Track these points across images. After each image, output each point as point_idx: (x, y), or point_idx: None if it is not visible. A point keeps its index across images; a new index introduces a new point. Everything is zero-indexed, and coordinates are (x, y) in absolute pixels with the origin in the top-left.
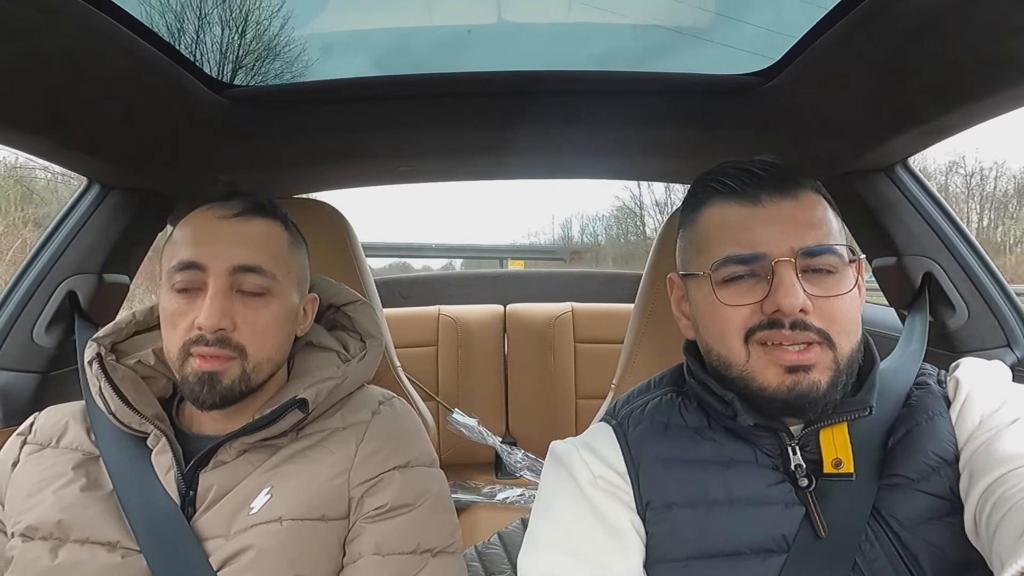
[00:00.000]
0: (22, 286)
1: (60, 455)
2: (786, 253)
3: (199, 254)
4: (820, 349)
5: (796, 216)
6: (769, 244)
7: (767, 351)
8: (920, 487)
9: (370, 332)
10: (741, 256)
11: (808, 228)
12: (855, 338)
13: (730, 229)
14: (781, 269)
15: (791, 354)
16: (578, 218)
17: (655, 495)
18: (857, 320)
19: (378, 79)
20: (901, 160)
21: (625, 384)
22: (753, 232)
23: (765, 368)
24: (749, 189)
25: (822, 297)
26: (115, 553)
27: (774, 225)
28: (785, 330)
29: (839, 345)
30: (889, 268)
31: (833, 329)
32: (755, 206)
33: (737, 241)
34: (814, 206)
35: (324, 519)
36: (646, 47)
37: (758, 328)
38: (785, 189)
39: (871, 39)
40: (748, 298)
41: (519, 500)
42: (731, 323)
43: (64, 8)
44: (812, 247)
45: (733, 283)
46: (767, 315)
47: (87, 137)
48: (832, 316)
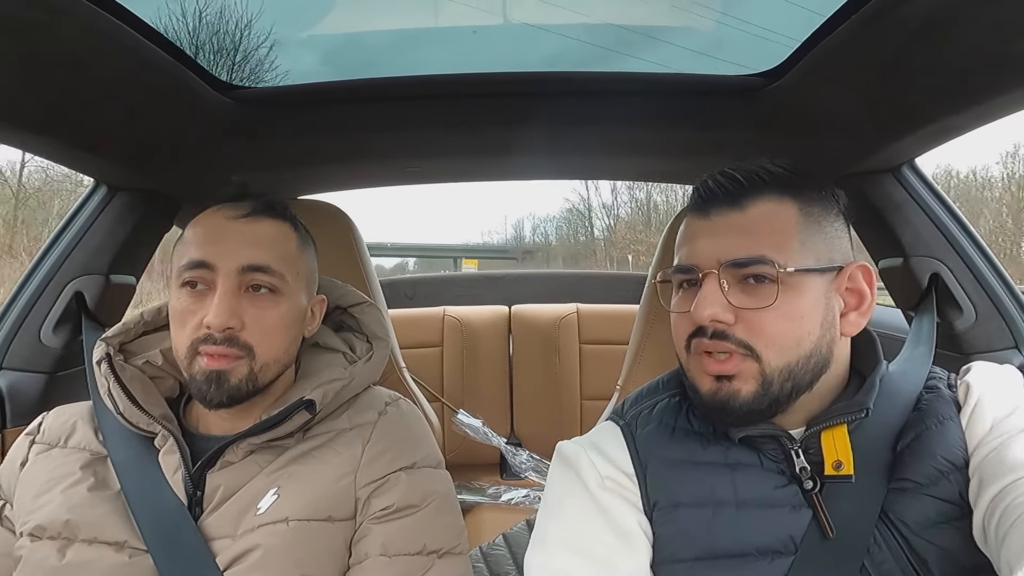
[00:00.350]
0: (29, 287)
1: (68, 455)
2: (712, 265)
3: (209, 253)
4: (741, 359)
5: (738, 227)
6: (701, 256)
7: (699, 359)
8: (929, 491)
9: (376, 333)
10: (679, 267)
11: (745, 239)
12: (793, 352)
13: (682, 241)
14: (705, 281)
15: (713, 363)
16: (530, 218)
17: (662, 495)
18: (794, 334)
19: (383, 80)
20: (908, 161)
21: (630, 385)
22: (693, 244)
23: (698, 375)
24: (703, 203)
25: (747, 309)
26: (123, 553)
27: (712, 237)
28: (706, 338)
29: (765, 357)
30: (896, 269)
31: (758, 342)
32: (704, 219)
33: (683, 253)
34: (764, 215)
35: (330, 520)
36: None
37: (692, 335)
38: (733, 202)
39: (877, 40)
40: (687, 306)
41: (524, 501)
42: (678, 331)
43: (68, 8)
44: (738, 258)
45: (683, 291)
46: (695, 324)
47: (92, 138)
48: (759, 329)
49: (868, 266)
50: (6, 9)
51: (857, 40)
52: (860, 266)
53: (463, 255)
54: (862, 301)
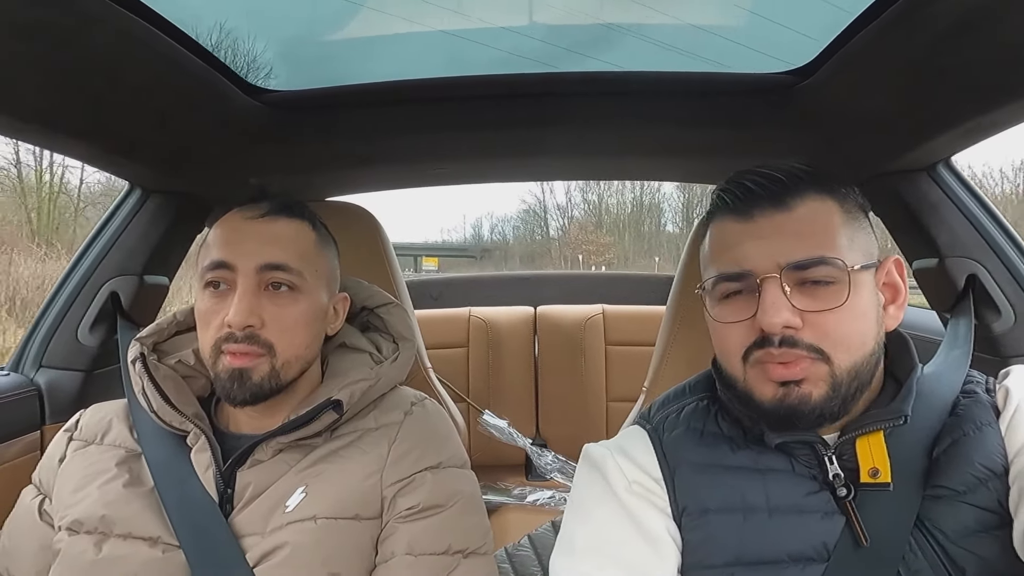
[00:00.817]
0: (67, 287)
1: (104, 451)
2: (771, 269)
3: (228, 254)
4: (811, 363)
5: (787, 229)
6: (756, 260)
7: (761, 368)
8: (967, 499)
9: (403, 334)
10: (729, 274)
11: (799, 240)
12: (858, 351)
13: (724, 246)
14: (766, 286)
15: (779, 369)
16: (488, 218)
17: (691, 501)
18: (860, 331)
19: (409, 82)
20: (943, 159)
21: (657, 387)
22: (741, 248)
23: (760, 384)
24: (743, 204)
25: (814, 312)
26: (156, 548)
27: (762, 240)
28: (774, 348)
29: (835, 359)
30: (931, 270)
31: (827, 344)
32: (747, 222)
33: (727, 259)
34: (813, 215)
35: (357, 518)
36: (679, 46)
37: (753, 347)
38: (779, 201)
39: (909, 36)
40: (742, 315)
41: (549, 502)
42: (729, 342)
43: (103, 15)
44: (799, 260)
45: (729, 301)
46: (758, 333)
47: (127, 142)
48: (826, 331)
49: (900, 259)
50: (43, 16)
51: (889, 37)
52: (894, 260)
53: (423, 253)
54: (897, 294)
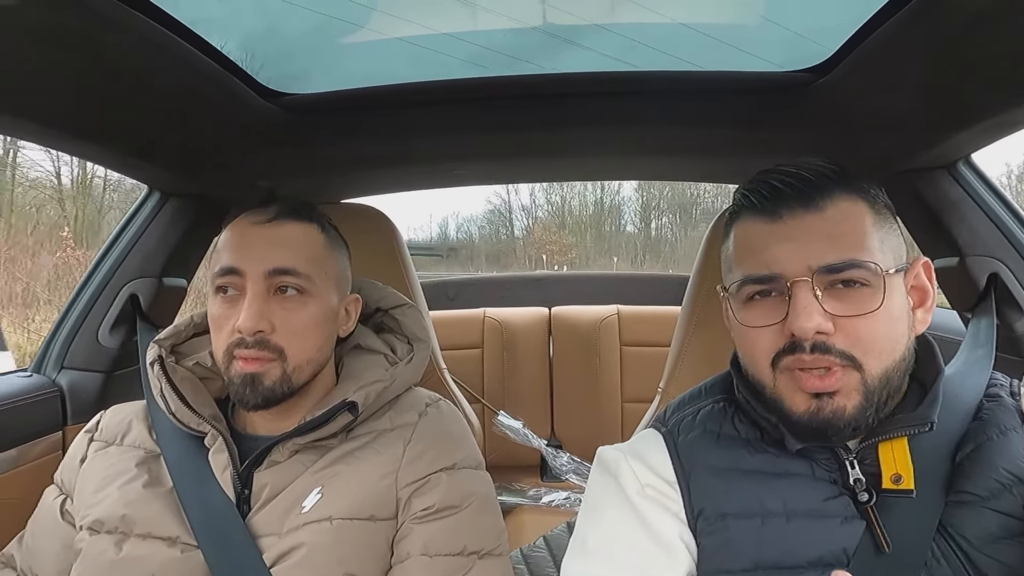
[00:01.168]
0: (88, 289)
1: (124, 452)
2: (802, 272)
3: (237, 259)
4: (843, 372)
5: (818, 230)
6: (785, 263)
7: (792, 376)
8: (990, 505)
9: (417, 335)
10: (757, 276)
11: (831, 242)
12: (889, 357)
13: (751, 247)
14: (797, 290)
15: (812, 380)
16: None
17: (707, 504)
18: (893, 336)
19: (424, 84)
20: (964, 157)
21: (672, 388)
22: (770, 250)
23: (791, 393)
24: (770, 204)
25: (846, 317)
26: (175, 548)
27: (792, 242)
28: (805, 354)
29: (866, 366)
30: (951, 269)
31: (858, 350)
32: (775, 222)
33: (755, 261)
34: (844, 217)
35: (373, 519)
36: (694, 45)
37: (783, 353)
38: (808, 202)
39: (930, 31)
40: (770, 319)
41: (565, 503)
42: (757, 347)
43: (122, 20)
44: (832, 263)
45: (756, 304)
46: (788, 338)
47: (145, 145)
48: (858, 336)
49: (928, 261)
50: (63, 21)
51: (909, 32)
52: (924, 262)
53: None
54: (926, 297)
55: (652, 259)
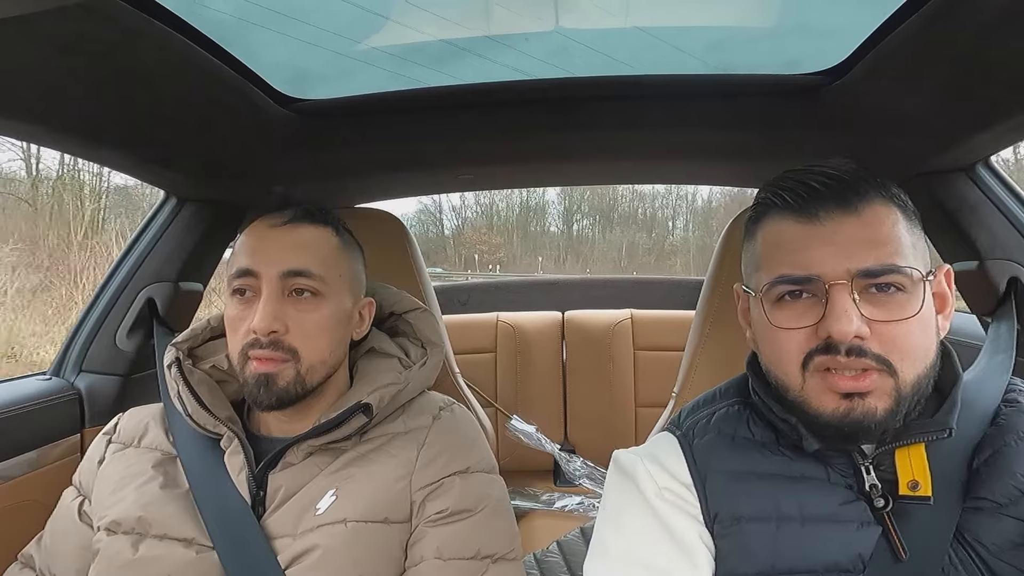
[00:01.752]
0: (106, 294)
1: (141, 454)
2: (841, 275)
3: (253, 261)
4: (878, 376)
5: (856, 234)
6: (824, 265)
7: (823, 377)
8: (1008, 511)
9: (431, 339)
10: (794, 277)
11: (870, 247)
12: (922, 363)
13: (785, 248)
14: (835, 293)
15: (846, 380)
16: None
17: (723, 508)
18: (925, 344)
19: (437, 89)
20: (983, 159)
21: (686, 392)
22: (808, 252)
23: (820, 394)
24: (807, 204)
25: (883, 322)
26: (191, 549)
27: (831, 244)
28: (840, 356)
29: (901, 372)
30: (970, 273)
31: (894, 355)
32: (812, 223)
33: (791, 261)
34: (880, 221)
35: (387, 522)
36: (707, 49)
37: (815, 353)
38: (847, 204)
39: (947, 33)
40: (803, 320)
41: (578, 509)
42: (787, 348)
43: (143, 30)
44: (872, 268)
45: (787, 304)
46: (822, 340)
47: (165, 152)
48: (893, 341)
49: (949, 268)
50: (85, 31)
51: (926, 34)
52: (945, 269)
53: None
54: (945, 304)
55: (573, 259)
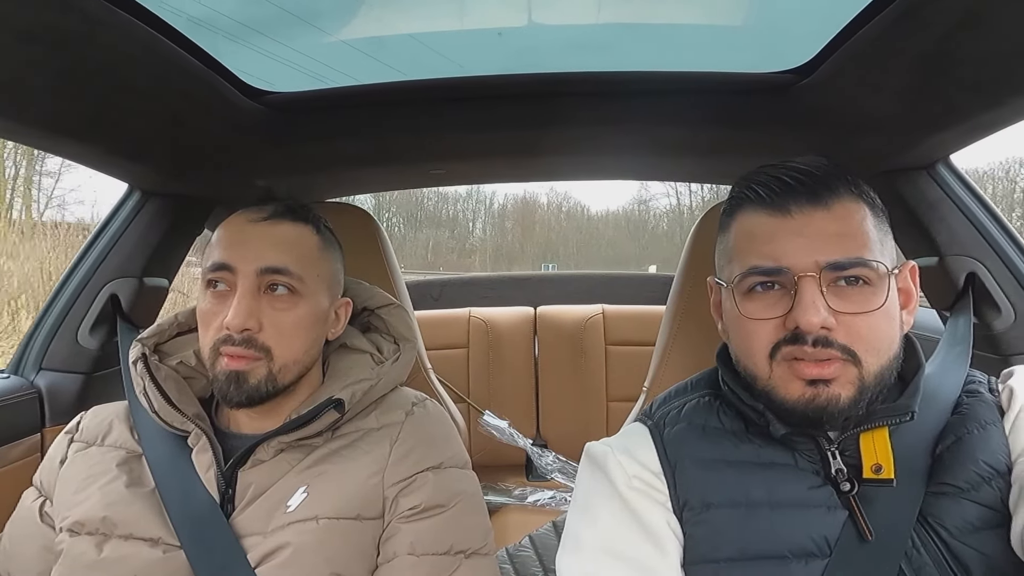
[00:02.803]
0: (67, 290)
1: (105, 453)
2: (810, 267)
3: (229, 256)
4: (842, 364)
5: (826, 228)
6: (793, 257)
7: (790, 365)
8: (970, 496)
9: (404, 335)
10: (763, 268)
11: (838, 240)
12: (885, 355)
13: (756, 240)
14: (803, 284)
15: (810, 367)
16: None
17: (693, 495)
18: (889, 336)
19: (409, 83)
20: (943, 158)
21: (657, 387)
22: (778, 244)
23: (787, 382)
24: (778, 198)
25: (849, 313)
26: (157, 548)
27: (801, 237)
28: (807, 346)
29: (865, 362)
30: (930, 269)
31: (859, 346)
32: (783, 217)
33: (761, 253)
34: (849, 215)
35: (359, 518)
36: (678, 46)
37: (782, 343)
38: (817, 198)
39: (912, 33)
40: (773, 312)
41: (550, 503)
42: (756, 338)
43: (106, 19)
44: (839, 260)
45: (758, 296)
46: (789, 330)
47: (129, 144)
48: (859, 333)
49: (915, 265)
50: (46, 20)
51: (891, 34)
52: (911, 266)
53: None
54: (910, 299)
55: None
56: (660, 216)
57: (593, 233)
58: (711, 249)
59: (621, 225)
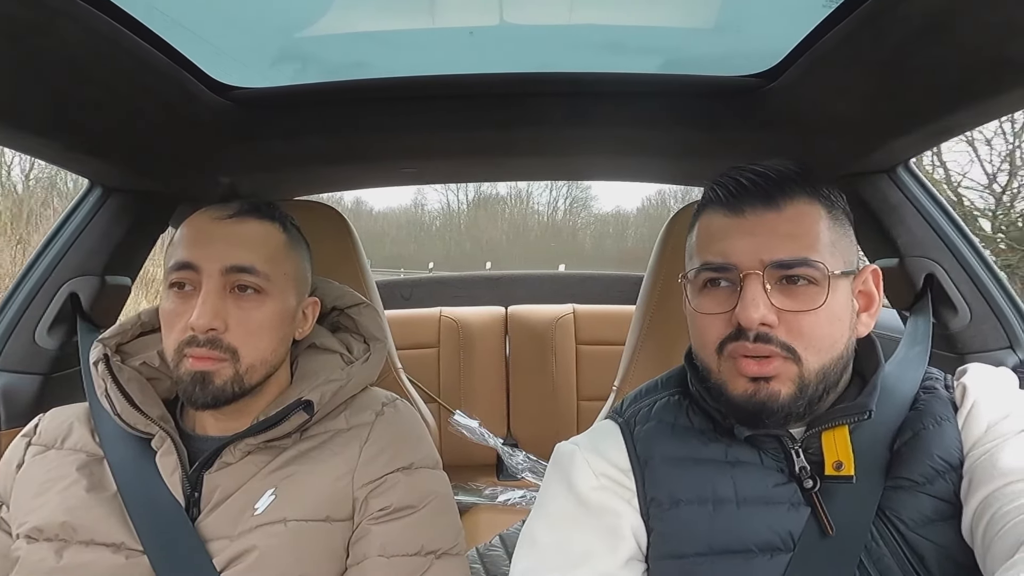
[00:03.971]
0: (24, 288)
1: (65, 456)
2: (755, 265)
3: (194, 255)
4: (782, 362)
5: (776, 228)
6: (741, 255)
7: (734, 362)
8: (925, 489)
9: (374, 335)
10: (714, 264)
11: (785, 240)
12: (827, 354)
13: (712, 238)
14: (748, 282)
15: (751, 365)
16: None
17: (661, 492)
18: (832, 335)
19: (380, 81)
20: (903, 162)
21: (627, 386)
22: (729, 242)
23: (733, 378)
24: (735, 200)
25: (790, 311)
26: (119, 554)
27: (750, 236)
28: (748, 343)
29: (805, 360)
30: (891, 270)
31: (799, 343)
32: (737, 216)
33: (714, 250)
34: (800, 216)
35: (329, 520)
36: (648, 48)
37: (728, 340)
38: (770, 200)
39: (875, 40)
40: (721, 307)
41: (520, 502)
42: (706, 333)
43: (66, 10)
44: (784, 259)
45: (709, 292)
46: (734, 326)
47: (90, 139)
48: (799, 330)
49: (878, 269)
50: (3, 9)
51: (854, 40)
52: (872, 269)
53: None
54: (871, 303)
55: None
56: (435, 216)
57: (378, 232)
58: (680, 250)
59: (403, 224)
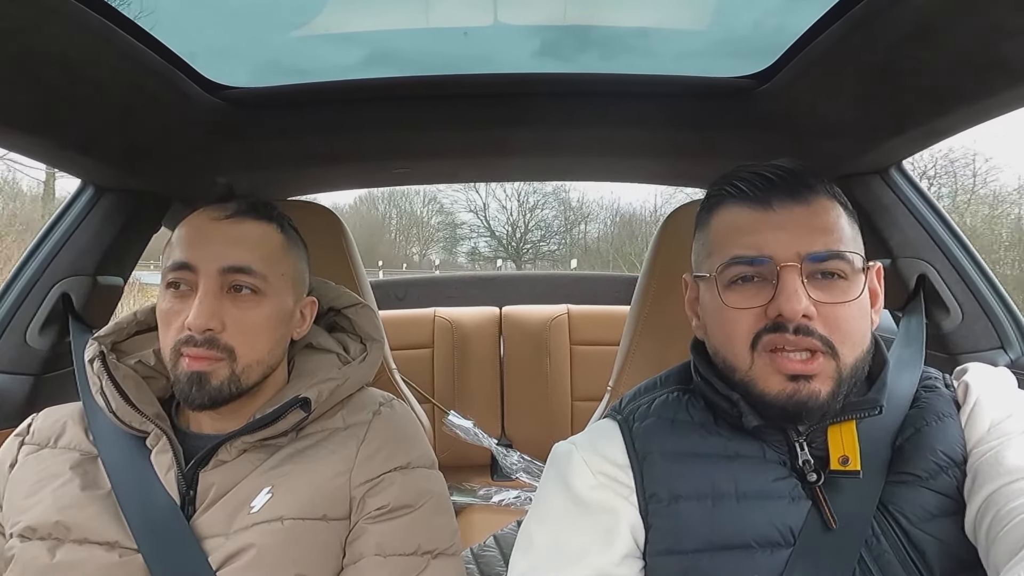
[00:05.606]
0: (15, 288)
1: (58, 455)
2: (792, 258)
3: (191, 255)
4: (824, 359)
5: (807, 221)
6: (776, 248)
7: (772, 358)
8: (928, 485)
9: (371, 335)
10: (747, 257)
11: (818, 233)
12: (860, 347)
13: (739, 232)
14: (786, 274)
15: (795, 363)
16: None
17: (661, 488)
18: (863, 329)
19: (373, 81)
20: (896, 163)
21: (621, 386)
22: (761, 235)
23: (768, 375)
24: (761, 193)
25: (827, 303)
26: (113, 553)
27: (783, 230)
28: (789, 335)
29: (842, 355)
30: (885, 270)
31: (837, 337)
32: (766, 210)
33: (744, 244)
34: (826, 211)
35: (325, 519)
36: (642, 49)
37: (763, 332)
38: (797, 194)
39: (867, 42)
40: (754, 301)
41: (515, 502)
42: (737, 328)
43: (58, 8)
44: (820, 252)
45: (739, 286)
46: (771, 319)
47: (82, 138)
48: (836, 323)
49: (881, 267)
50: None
51: (846, 43)
52: (877, 267)
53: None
54: (876, 299)
55: None
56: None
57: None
58: (675, 250)
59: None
